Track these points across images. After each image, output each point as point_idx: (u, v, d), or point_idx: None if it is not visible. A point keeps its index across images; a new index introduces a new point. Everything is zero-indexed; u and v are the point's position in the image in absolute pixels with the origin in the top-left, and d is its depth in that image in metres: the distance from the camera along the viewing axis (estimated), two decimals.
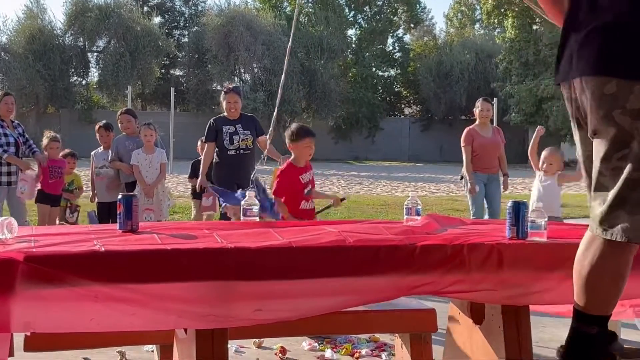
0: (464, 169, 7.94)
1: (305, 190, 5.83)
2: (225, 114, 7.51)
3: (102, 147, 8.16)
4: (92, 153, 8.22)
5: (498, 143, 8.04)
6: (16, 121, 7.96)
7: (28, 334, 2.93)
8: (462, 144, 7.92)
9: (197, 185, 7.30)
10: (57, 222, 7.95)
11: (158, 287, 2.48)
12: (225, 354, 2.88)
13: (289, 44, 5.85)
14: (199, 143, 8.32)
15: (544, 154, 6.64)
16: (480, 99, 8.32)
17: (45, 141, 8.09)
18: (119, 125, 8.06)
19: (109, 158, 7.90)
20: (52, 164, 7.93)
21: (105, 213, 7.84)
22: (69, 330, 2.47)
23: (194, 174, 8.30)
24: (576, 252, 2.70)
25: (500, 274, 2.80)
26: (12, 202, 7.63)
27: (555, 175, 6.64)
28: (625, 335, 5.73)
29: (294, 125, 6.03)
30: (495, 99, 29.81)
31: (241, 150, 7.35)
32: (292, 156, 5.85)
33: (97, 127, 8.34)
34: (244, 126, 7.43)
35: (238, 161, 7.30)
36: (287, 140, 5.82)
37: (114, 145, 7.99)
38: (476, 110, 8.11)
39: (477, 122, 8.09)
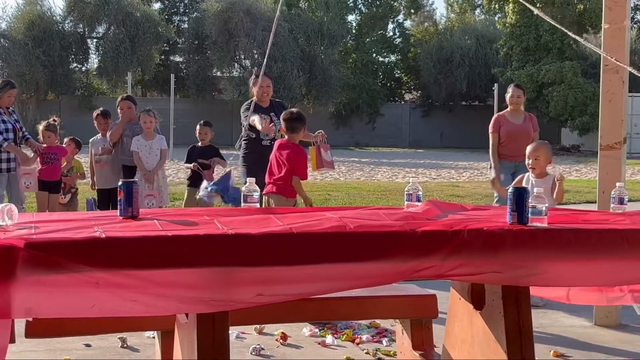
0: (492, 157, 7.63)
1: None
2: (256, 99, 6.95)
3: (99, 135, 8.16)
4: (91, 140, 8.21)
5: (529, 131, 7.55)
6: (11, 107, 7.88)
7: (30, 319, 2.93)
8: (490, 131, 7.62)
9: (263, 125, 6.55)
10: None
11: (159, 273, 2.48)
12: (226, 338, 2.89)
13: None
14: (198, 127, 8.15)
15: (528, 149, 6.08)
16: (512, 84, 7.92)
17: (40, 128, 8.00)
18: (119, 111, 8.03)
19: (107, 137, 7.90)
20: (46, 150, 7.84)
21: (105, 200, 7.85)
22: (70, 315, 2.48)
23: (189, 160, 8.07)
24: (578, 237, 2.70)
25: (501, 259, 2.80)
26: (11, 189, 7.62)
27: (550, 180, 5.87)
28: (624, 320, 5.74)
29: (297, 111, 6.38)
30: (495, 85, 29.79)
31: (275, 141, 6.69)
32: (292, 137, 6.14)
33: (94, 114, 8.30)
34: (277, 115, 6.84)
35: (270, 151, 6.56)
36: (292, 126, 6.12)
37: (111, 129, 8.00)
38: (507, 96, 7.73)
39: (508, 108, 7.70)
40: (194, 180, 7.86)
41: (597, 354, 4.94)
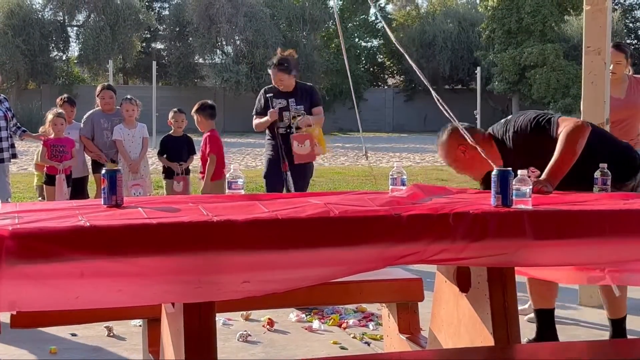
0: None
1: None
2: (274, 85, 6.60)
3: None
4: None
5: (635, 104, 5.91)
6: (2, 95, 7.33)
7: (14, 312, 2.91)
8: None
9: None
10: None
11: (145, 260, 2.46)
12: (213, 325, 2.89)
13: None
14: (172, 114, 7.75)
15: None
16: (611, 46, 5.78)
17: (49, 117, 7.45)
18: (99, 100, 7.84)
19: (80, 131, 7.71)
20: (55, 142, 7.41)
21: (76, 189, 7.60)
22: (54, 308, 2.46)
23: (163, 152, 7.69)
24: (561, 219, 2.71)
25: (485, 242, 2.81)
26: None
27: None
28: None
29: (201, 102, 7.48)
30: (478, 68, 29.83)
31: (292, 129, 6.36)
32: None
33: (59, 102, 7.87)
34: (297, 100, 6.47)
35: (287, 140, 6.34)
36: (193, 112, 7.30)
37: (89, 120, 7.79)
38: None
39: None
40: (170, 172, 7.64)
41: (582, 334, 4.98)
